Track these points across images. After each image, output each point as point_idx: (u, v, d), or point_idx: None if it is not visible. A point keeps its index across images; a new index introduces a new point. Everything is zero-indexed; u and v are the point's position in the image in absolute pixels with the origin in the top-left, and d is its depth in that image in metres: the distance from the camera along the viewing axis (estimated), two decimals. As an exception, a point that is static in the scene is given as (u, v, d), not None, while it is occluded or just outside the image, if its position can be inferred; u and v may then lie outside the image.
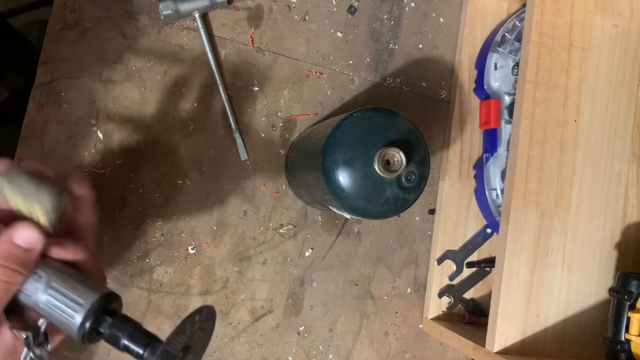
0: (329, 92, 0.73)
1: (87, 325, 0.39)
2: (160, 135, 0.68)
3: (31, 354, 0.40)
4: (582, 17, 0.65)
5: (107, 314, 0.40)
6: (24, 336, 0.41)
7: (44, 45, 0.66)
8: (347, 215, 0.72)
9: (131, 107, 0.68)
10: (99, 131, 0.67)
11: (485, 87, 0.72)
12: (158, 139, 0.68)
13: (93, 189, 0.47)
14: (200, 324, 0.40)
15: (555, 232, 0.63)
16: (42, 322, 0.41)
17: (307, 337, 0.73)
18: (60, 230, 0.44)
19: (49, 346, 0.42)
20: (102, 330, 0.40)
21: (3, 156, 0.43)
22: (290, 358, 0.72)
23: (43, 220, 0.42)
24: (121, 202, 0.67)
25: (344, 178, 0.57)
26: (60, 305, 0.40)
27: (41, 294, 0.40)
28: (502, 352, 0.60)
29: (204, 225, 0.70)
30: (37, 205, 0.41)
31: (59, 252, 0.42)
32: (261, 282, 0.71)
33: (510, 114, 0.70)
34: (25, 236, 0.41)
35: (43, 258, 0.42)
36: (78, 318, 0.39)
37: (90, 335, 0.40)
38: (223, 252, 0.70)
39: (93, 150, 0.67)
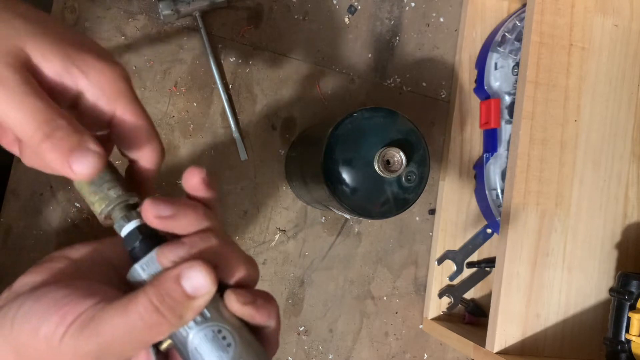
0: (329, 92, 0.73)
1: None
2: (159, 135, 0.68)
3: None
4: (582, 17, 0.65)
5: None
6: None
7: (43, 45, 0.66)
8: (347, 215, 0.72)
9: (131, 107, 0.67)
10: (98, 131, 0.67)
11: (486, 87, 0.72)
12: (158, 139, 0.68)
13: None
14: None
15: (556, 232, 0.63)
16: None
17: (307, 337, 0.73)
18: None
19: None
20: None
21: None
22: (290, 358, 0.72)
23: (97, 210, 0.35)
24: (121, 202, 0.67)
25: (344, 178, 0.57)
26: None
27: None
28: (502, 352, 0.60)
29: (204, 225, 0.70)
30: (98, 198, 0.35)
31: (252, 314, 0.34)
32: (261, 283, 0.71)
33: (511, 114, 0.70)
34: (194, 281, 0.31)
35: (234, 319, 0.34)
36: None
37: None
38: (223, 252, 0.70)
39: (93, 150, 0.66)
